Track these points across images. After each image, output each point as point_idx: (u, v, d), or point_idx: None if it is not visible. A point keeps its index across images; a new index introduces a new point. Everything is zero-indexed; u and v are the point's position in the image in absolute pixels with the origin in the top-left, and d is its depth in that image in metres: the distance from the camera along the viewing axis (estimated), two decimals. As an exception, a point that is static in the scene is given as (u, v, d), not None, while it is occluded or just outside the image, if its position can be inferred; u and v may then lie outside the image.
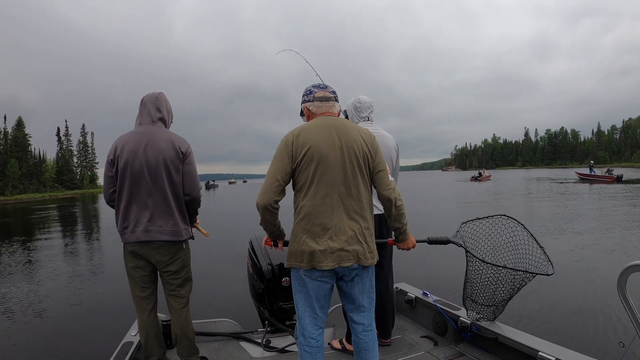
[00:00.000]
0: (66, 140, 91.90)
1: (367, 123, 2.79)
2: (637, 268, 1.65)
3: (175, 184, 2.32)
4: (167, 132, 2.40)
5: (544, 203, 17.55)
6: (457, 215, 14.09)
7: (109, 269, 7.87)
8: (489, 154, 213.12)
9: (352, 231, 1.79)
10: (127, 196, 2.28)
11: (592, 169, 37.18)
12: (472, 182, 44.90)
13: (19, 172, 68.86)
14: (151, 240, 2.27)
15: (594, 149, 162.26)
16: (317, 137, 1.81)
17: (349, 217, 1.81)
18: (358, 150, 1.83)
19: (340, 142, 1.82)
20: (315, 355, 1.89)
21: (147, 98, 2.42)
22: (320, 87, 2.04)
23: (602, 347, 3.64)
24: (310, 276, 1.81)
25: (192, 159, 2.42)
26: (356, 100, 2.86)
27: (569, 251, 7.76)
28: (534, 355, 2.23)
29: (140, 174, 2.25)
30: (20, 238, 13.28)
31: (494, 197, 23.04)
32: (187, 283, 2.46)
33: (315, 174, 1.79)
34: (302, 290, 1.87)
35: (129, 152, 2.26)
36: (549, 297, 5.04)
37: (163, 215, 2.29)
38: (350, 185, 1.81)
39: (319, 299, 1.87)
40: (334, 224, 1.78)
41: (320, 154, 1.78)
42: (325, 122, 1.88)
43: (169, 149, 2.29)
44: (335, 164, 1.79)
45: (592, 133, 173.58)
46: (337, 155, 1.80)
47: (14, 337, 4.38)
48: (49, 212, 28.33)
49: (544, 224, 10.95)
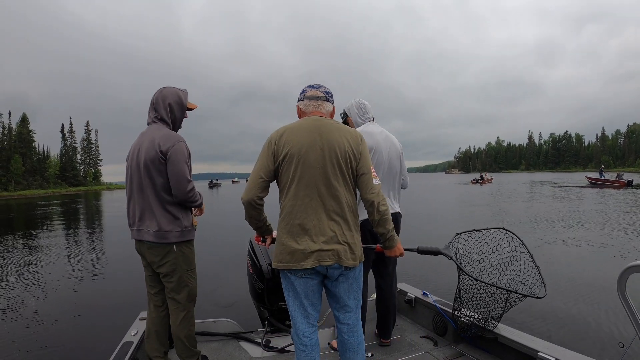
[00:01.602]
0: (70, 137, 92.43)
1: (372, 124, 2.82)
2: (636, 269, 1.65)
3: (156, 185, 2.26)
4: (156, 131, 2.32)
5: (556, 205, 17.47)
6: (447, 220, 14.08)
7: (109, 267, 7.87)
8: (492, 157, 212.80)
9: (332, 232, 1.80)
10: (128, 194, 2.42)
11: (602, 173, 36.98)
12: (473, 185, 44.88)
13: (22, 168, 69.21)
14: (141, 240, 2.33)
15: (597, 154, 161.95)
16: (300, 138, 1.83)
17: (329, 217, 1.81)
18: (340, 152, 1.83)
19: (323, 143, 1.82)
20: (310, 354, 1.90)
21: (152, 97, 2.46)
22: (313, 86, 2.03)
23: (602, 347, 3.64)
24: (295, 274, 1.84)
25: (176, 157, 2.24)
26: (359, 102, 2.88)
27: (569, 251, 7.76)
28: (533, 355, 2.23)
29: (134, 174, 2.34)
30: (22, 234, 13.33)
31: (492, 200, 22.97)
32: (183, 289, 2.37)
33: (295, 175, 1.81)
34: (290, 289, 1.89)
35: (130, 153, 2.41)
36: (549, 297, 5.03)
37: (149, 215, 2.30)
38: (330, 186, 1.81)
39: (308, 296, 1.88)
40: (314, 225, 1.80)
41: (301, 155, 1.80)
42: (310, 123, 1.88)
43: (150, 149, 2.26)
44: (315, 165, 1.80)
45: (596, 137, 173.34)
46: (317, 157, 1.81)
47: (13, 335, 4.39)
48: (52, 208, 28.44)
49: (544, 225, 10.91)
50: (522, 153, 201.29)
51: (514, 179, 68.76)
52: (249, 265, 3.25)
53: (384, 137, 2.77)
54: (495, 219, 13.47)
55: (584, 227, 10.90)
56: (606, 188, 30.64)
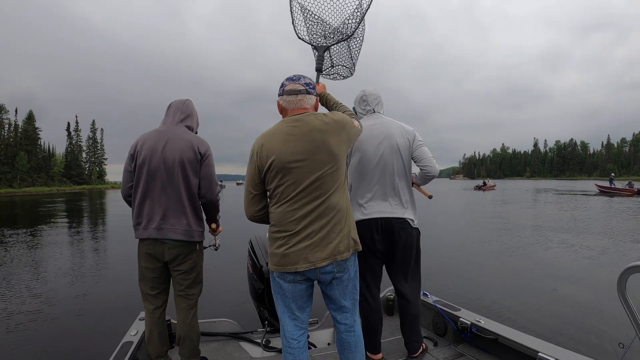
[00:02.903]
0: (76, 136, 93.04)
1: (372, 116, 2.55)
2: (636, 269, 1.64)
3: (190, 184, 2.32)
4: (188, 133, 2.40)
5: (565, 213, 17.38)
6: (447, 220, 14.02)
7: (110, 267, 7.88)
8: (497, 164, 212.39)
9: (323, 232, 1.78)
10: (142, 192, 2.30)
11: (612, 181, 36.69)
12: (475, 191, 44.79)
13: (27, 165, 69.67)
14: (163, 239, 2.28)
15: (603, 162, 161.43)
16: (280, 145, 1.78)
17: (320, 218, 1.78)
18: (323, 151, 1.78)
19: (305, 146, 1.77)
20: (298, 357, 1.90)
21: (175, 103, 2.50)
22: (292, 79, 1.91)
23: (602, 347, 3.63)
24: (283, 278, 1.84)
25: (211, 161, 2.41)
26: (361, 93, 2.63)
27: (569, 251, 7.76)
28: (533, 355, 2.22)
29: (157, 171, 2.28)
30: (25, 231, 13.40)
31: (493, 206, 22.89)
32: (197, 285, 2.46)
33: (281, 183, 1.79)
34: (279, 292, 1.89)
35: (148, 149, 2.30)
36: (549, 297, 5.02)
37: (176, 214, 2.29)
38: (319, 187, 1.78)
39: (296, 300, 1.87)
40: (302, 228, 1.77)
41: (284, 163, 1.77)
42: (287, 127, 1.81)
43: (188, 149, 2.31)
44: (301, 171, 1.77)
45: (602, 145, 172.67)
46: (301, 161, 1.77)
47: (13, 335, 4.40)
48: (56, 205, 28.58)
49: (549, 231, 10.87)
50: (527, 160, 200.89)
51: (517, 186, 68.48)
52: (249, 266, 3.25)
53: (376, 131, 2.44)
54: (501, 223, 13.42)
55: (592, 232, 10.84)
56: (617, 196, 30.41)
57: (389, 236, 2.38)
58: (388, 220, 2.37)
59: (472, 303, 4.84)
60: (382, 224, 2.37)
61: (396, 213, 2.38)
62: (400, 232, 2.37)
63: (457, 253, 8.43)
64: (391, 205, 2.40)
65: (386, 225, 2.37)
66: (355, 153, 2.46)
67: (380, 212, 2.39)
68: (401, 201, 2.43)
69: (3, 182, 64.48)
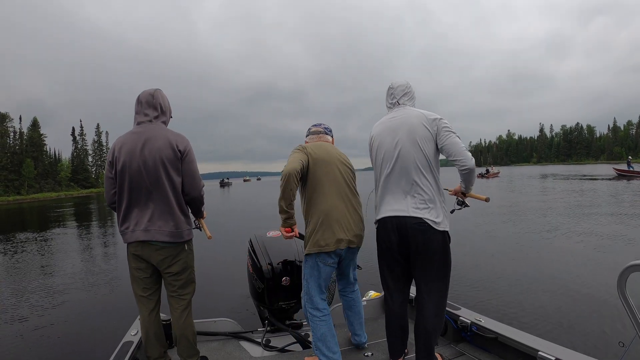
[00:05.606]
0: (81, 140, 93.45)
1: (395, 108, 2.38)
2: (637, 268, 1.62)
3: (174, 183, 2.28)
4: (164, 130, 2.34)
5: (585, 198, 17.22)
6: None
7: (110, 267, 7.95)
8: (503, 150, 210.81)
9: (353, 221, 2.43)
10: (127, 197, 2.26)
11: (630, 164, 36.06)
12: (478, 179, 44.29)
13: (34, 172, 70.18)
14: (150, 241, 2.25)
15: (609, 145, 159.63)
16: (320, 152, 2.47)
17: (352, 211, 2.46)
18: (345, 165, 2.57)
19: (334, 158, 2.51)
20: (329, 322, 2.41)
21: (143, 96, 2.37)
22: (316, 125, 2.80)
23: (602, 347, 3.59)
24: (324, 262, 2.37)
25: (192, 156, 2.36)
26: (389, 86, 2.46)
27: (569, 251, 7.65)
28: (533, 354, 2.20)
29: (139, 174, 2.22)
30: (33, 236, 13.52)
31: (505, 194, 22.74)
32: (190, 285, 2.44)
33: (323, 179, 2.40)
34: (315, 274, 2.41)
35: (126, 153, 2.24)
36: (549, 297, 4.96)
37: (163, 215, 2.26)
38: (347, 187, 2.49)
39: (327, 280, 2.45)
40: (341, 217, 2.38)
41: (324, 164, 2.44)
42: (321, 144, 2.58)
43: (167, 147, 2.25)
44: (335, 173, 2.46)
45: (608, 129, 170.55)
46: (336, 167, 2.48)
47: (13, 335, 4.44)
48: (63, 210, 28.83)
49: (558, 217, 10.79)
50: (534, 146, 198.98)
51: (523, 172, 67.90)
52: (249, 265, 3.24)
53: (394, 124, 2.28)
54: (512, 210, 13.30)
55: (588, 223, 10.74)
56: (635, 179, 29.74)
57: (404, 237, 2.16)
58: (402, 220, 2.16)
59: (472, 302, 4.79)
60: (396, 224, 2.18)
61: (412, 212, 2.14)
62: (416, 234, 2.12)
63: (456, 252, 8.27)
64: (407, 204, 2.17)
65: (400, 225, 2.17)
66: (376, 149, 2.35)
67: (394, 210, 2.21)
68: (422, 199, 2.16)
69: (11, 190, 65.08)
